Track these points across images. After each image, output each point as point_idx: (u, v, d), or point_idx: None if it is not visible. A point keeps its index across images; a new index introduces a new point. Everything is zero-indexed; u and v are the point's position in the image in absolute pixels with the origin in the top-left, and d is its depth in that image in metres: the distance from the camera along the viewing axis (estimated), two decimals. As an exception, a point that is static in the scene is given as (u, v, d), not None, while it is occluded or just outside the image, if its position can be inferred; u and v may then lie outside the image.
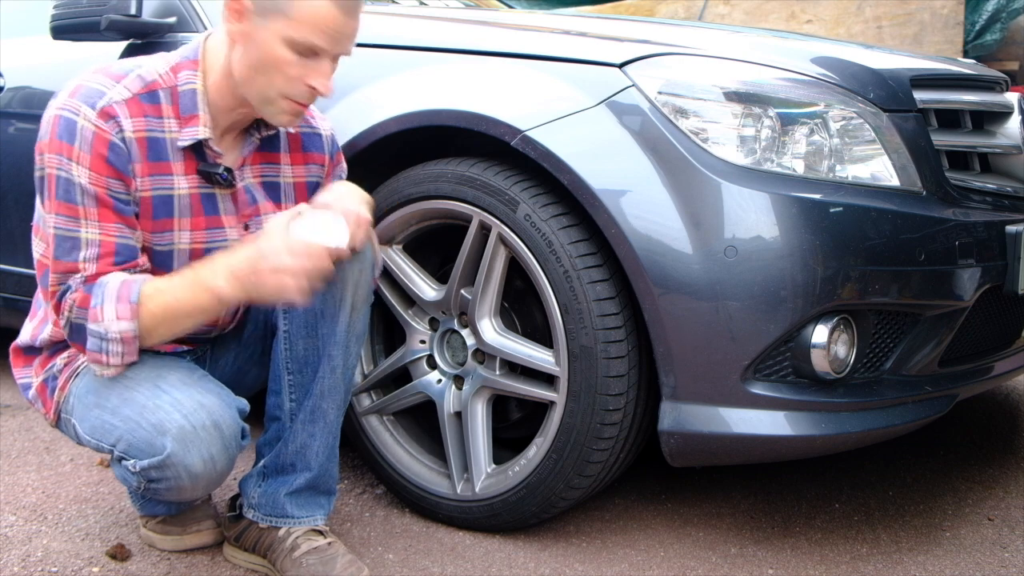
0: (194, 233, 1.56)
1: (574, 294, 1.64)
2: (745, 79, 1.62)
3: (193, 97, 1.51)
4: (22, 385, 1.66)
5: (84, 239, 1.44)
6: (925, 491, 2.07)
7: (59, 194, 1.44)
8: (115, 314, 1.42)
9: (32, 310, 1.67)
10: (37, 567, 1.70)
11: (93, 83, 1.47)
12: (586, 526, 1.90)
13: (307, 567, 1.60)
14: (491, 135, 1.71)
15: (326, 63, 1.47)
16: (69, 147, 1.43)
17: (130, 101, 1.47)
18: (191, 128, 1.51)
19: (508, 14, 2.78)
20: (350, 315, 1.61)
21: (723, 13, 4.75)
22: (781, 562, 1.76)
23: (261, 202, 1.64)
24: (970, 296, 1.71)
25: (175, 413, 1.46)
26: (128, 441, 1.48)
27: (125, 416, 1.49)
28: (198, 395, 1.49)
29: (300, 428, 1.64)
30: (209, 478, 1.50)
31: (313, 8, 1.42)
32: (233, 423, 1.51)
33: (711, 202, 1.55)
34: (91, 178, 1.43)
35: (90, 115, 1.43)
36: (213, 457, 1.48)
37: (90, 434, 1.54)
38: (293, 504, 1.66)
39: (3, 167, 2.42)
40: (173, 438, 1.44)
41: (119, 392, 1.51)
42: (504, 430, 1.96)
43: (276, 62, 1.44)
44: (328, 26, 1.43)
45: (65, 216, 1.44)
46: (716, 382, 1.58)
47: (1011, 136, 1.93)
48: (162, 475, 1.47)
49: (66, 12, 2.22)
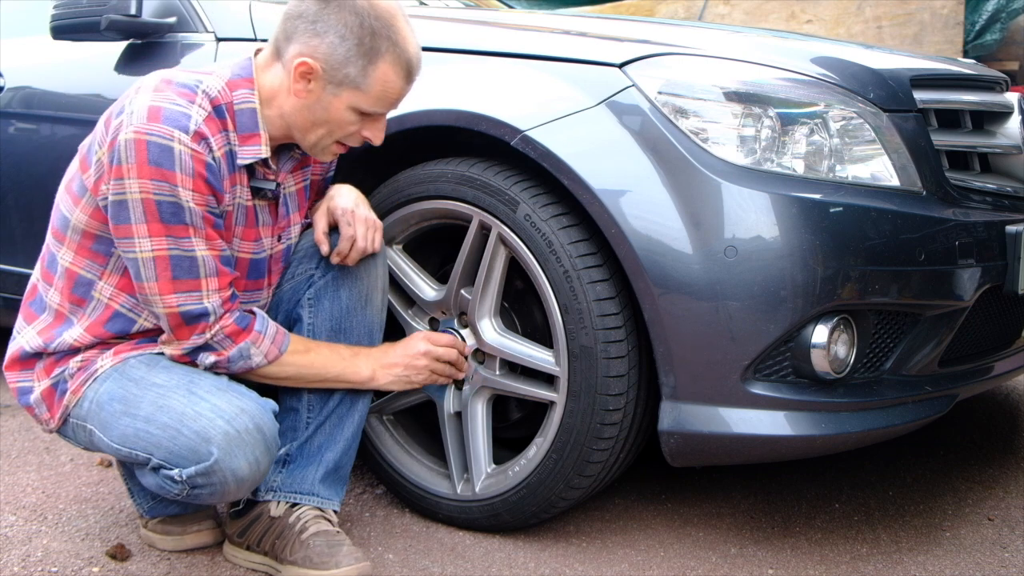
0: (243, 243, 1.63)
1: (574, 294, 1.64)
2: (745, 79, 1.62)
3: (253, 116, 1.56)
4: (20, 389, 1.64)
5: (201, 257, 1.50)
6: (925, 491, 2.07)
7: (164, 217, 1.46)
8: (265, 354, 1.60)
9: (29, 312, 1.65)
10: (37, 567, 1.70)
11: (171, 105, 1.48)
12: (586, 526, 1.90)
13: (314, 548, 1.61)
14: (491, 135, 1.71)
15: (382, 119, 1.60)
16: (170, 173, 1.45)
17: (209, 119, 1.50)
18: (252, 147, 1.56)
19: (508, 14, 2.78)
20: (378, 305, 1.74)
21: (723, 13, 4.75)
22: (781, 562, 1.76)
23: (292, 214, 1.71)
24: (970, 296, 1.71)
25: (218, 419, 1.48)
26: (169, 449, 1.49)
27: (163, 424, 1.50)
28: (236, 400, 1.52)
29: (330, 415, 1.70)
30: (254, 480, 1.53)
31: (386, 84, 1.53)
32: (272, 424, 1.55)
33: (711, 202, 1.55)
34: (195, 199, 1.47)
35: (184, 139, 1.46)
36: (258, 459, 1.51)
37: (120, 443, 1.54)
38: (321, 483, 1.70)
39: (3, 167, 2.41)
40: (218, 445, 1.47)
41: (152, 400, 1.52)
42: (504, 430, 1.96)
43: (340, 123, 1.56)
44: (393, 95, 1.55)
45: (177, 238, 1.48)
46: (716, 382, 1.58)
47: (1011, 136, 1.93)
48: (208, 481, 1.49)
49: (66, 12, 2.22)
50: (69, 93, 2.39)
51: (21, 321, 1.66)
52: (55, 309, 1.61)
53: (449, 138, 1.87)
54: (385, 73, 1.51)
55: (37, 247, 1.69)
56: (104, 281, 1.58)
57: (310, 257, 1.73)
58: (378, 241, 1.70)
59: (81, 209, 1.55)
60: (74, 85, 2.38)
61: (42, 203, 1.90)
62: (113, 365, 1.57)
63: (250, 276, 1.66)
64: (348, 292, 1.70)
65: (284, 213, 1.69)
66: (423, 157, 1.87)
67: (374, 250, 1.69)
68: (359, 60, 1.49)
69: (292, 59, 1.52)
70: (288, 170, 1.68)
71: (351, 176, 1.85)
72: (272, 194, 1.63)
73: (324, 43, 1.49)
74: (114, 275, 1.58)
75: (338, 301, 1.70)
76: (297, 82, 1.52)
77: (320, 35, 1.49)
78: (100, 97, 2.26)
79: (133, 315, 1.59)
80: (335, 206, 1.68)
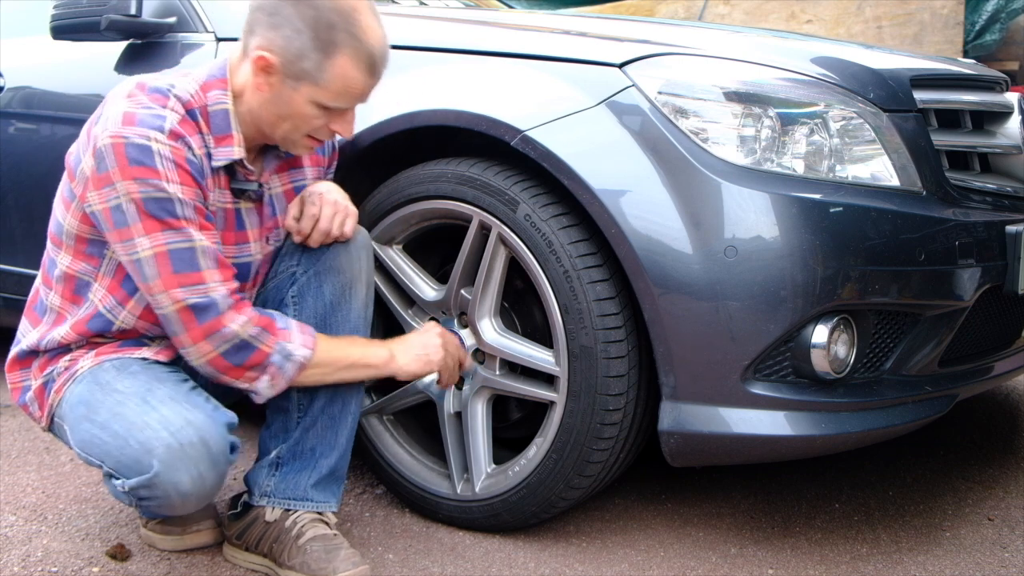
0: (226, 247, 1.60)
1: (574, 294, 1.64)
2: (745, 79, 1.62)
3: (226, 117, 1.54)
4: (21, 389, 1.65)
5: (199, 248, 1.47)
6: (925, 491, 2.07)
7: (154, 214, 1.44)
8: (301, 341, 1.54)
9: (33, 316, 1.66)
10: (37, 567, 1.70)
11: (143, 109, 1.47)
12: (586, 526, 1.90)
13: (311, 553, 1.61)
14: (491, 135, 1.71)
15: (350, 112, 1.56)
16: (153, 170, 1.43)
17: (183, 122, 1.49)
18: (225, 148, 1.54)
19: (508, 14, 2.78)
20: (363, 299, 1.69)
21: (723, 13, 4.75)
22: (781, 562, 1.76)
23: (280, 215, 1.69)
24: (970, 296, 1.71)
25: (162, 431, 1.44)
26: (116, 459, 1.47)
27: (114, 432, 1.47)
28: (185, 411, 1.47)
29: (319, 414, 1.67)
30: (199, 494, 1.48)
31: (345, 79, 1.48)
32: (221, 439, 1.49)
33: (711, 202, 1.55)
34: (184, 191, 1.46)
35: (161, 138, 1.44)
36: (202, 474, 1.46)
37: (80, 447, 1.53)
38: (314, 488, 1.68)
39: (3, 167, 2.42)
40: (159, 458, 1.43)
41: (110, 407, 1.50)
42: (504, 430, 1.96)
43: (303, 117, 1.52)
44: (355, 90, 1.51)
45: (173, 231, 1.45)
46: (716, 382, 1.58)
47: (1011, 136, 1.93)
48: (151, 494, 1.46)
49: (66, 12, 2.22)
50: (69, 93, 2.39)
51: (25, 324, 1.67)
52: (56, 311, 1.61)
53: (449, 138, 1.87)
54: (344, 68, 1.47)
55: (37, 247, 1.69)
56: (98, 283, 1.58)
57: (291, 254, 1.70)
58: (348, 227, 1.64)
59: (71, 214, 1.55)
60: (74, 85, 2.38)
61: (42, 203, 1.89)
62: (91, 367, 1.56)
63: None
64: (331, 287, 1.66)
65: (270, 214, 1.67)
66: (423, 157, 1.87)
67: (344, 235, 1.65)
68: (315, 54, 1.46)
69: (251, 55, 1.50)
70: (272, 170, 1.66)
71: (351, 176, 1.85)
72: (255, 195, 1.62)
73: (280, 36, 1.46)
74: (106, 277, 1.57)
75: (321, 297, 1.66)
76: (257, 76, 1.50)
77: (276, 28, 1.46)
78: (100, 97, 2.21)
79: (111, 316, 1.58)
80: (306, 191, 1.66)
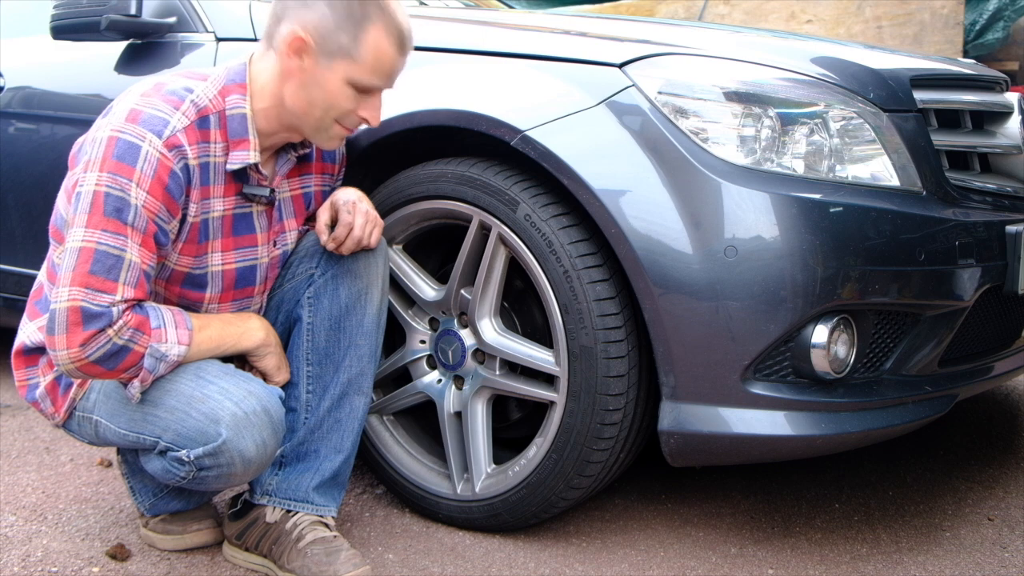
0: (224, 254, 1.61)
1: (574, 294, 1.64)
2: (745, 79, 1.62)
3: (243, 122, 1.54)
4: (29, 386, 1.65)
5: (128, 260, 1.45)
6: (925, 491, 2.07)
7: (107, 211, 1.43)
8: (176, 338, 1.50)
9: (33, 311, 1.66)
10: (37, 567, 1.70)
11: (152, 109, 1.47)
12: (586, 526, 1.90)
13: (311, 556, 1.61)
14: (491, 135, 1.71)
15: (378, 97, 1.57)
16: (130, 169, 1.43)
17: (189, 129, 1.49)
18: (241, 152, 1.54)
19: (508, 14, 2.78)
20: (378, 304, 1.71)
21: (723, 13, 4.75)
22: (781, 562, 1.76)
23: (287, 219, 1.70)
24: (970, 296, 1.71)
25: (226, 401, 1.49)
26: (176, 431, 1.51)
27: (171, 407, 1.51)
28: (244, 383, 1.53)
29: (325, 416, 1.68)
30: (260, 462, 1.54)
31: (378, 51, 1.50)
32: (279, 407, 1.55)
33: (711, 202, 1.55)
34: (147, 202, 1.45)
35: (156, 143, 1.45)
36: (265, 441, 1.52)
37: (128, 428, 1.56)
38: (315, 491, 1.69)
39: (3, 167, 2.42)
40: (227, 425, 1.48)
41: (159, 385, 1.52)
42: (504, 430, 1.96)
43: (336, 99, 1.53)
44: (389, 67, 1.54)
45: (112, 233, 1.43)
46: (716, 382, 1.58)
47: (1011, 136, 1.93)
48: (216, 462, 1.50)
49: (66, 12, 2.22)
50: (69, 93, 2.39)
51: (25, 318, 1.67)
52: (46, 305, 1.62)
53: (449, 138, 1.87)
54: (377, 40, 1.49)
55: (37, 247, 1.69)
56: None
57: (311, 256, 1.72)
58: (375, 237, 1.68)
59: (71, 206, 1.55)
60: (74, 85, 2.38)
61: (42, 203, 1.90)
62: None
63: (237, 286, 1.65)
64: (347, 290, 1.69)
65: (278, 218, 1.68)
66: (423, 157, 1.87)
67: (370, 244, 1.68)
68: (350, 27, 1.48)
69: (284, 39, 1.50)
70: (284, 174, 1.67)
71: (351, 176, 1.86)
72: (267, 199, 1.63)
73: (314, 13, 1.48)
74: None
75: (337, 299, 1.69)
76: (290, 59, 1.51)
77: (309, 6, 1.49)
78: (100, 97, 2.26)
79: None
80: (338, 199, 1.67)
